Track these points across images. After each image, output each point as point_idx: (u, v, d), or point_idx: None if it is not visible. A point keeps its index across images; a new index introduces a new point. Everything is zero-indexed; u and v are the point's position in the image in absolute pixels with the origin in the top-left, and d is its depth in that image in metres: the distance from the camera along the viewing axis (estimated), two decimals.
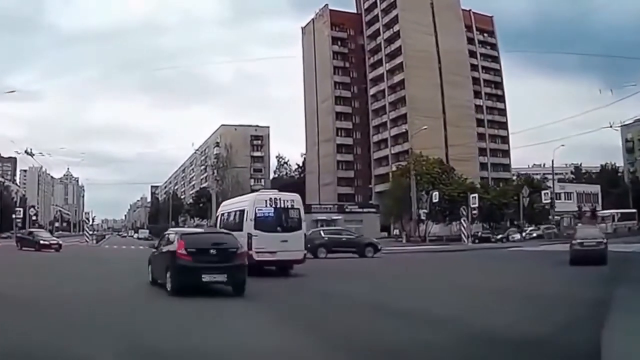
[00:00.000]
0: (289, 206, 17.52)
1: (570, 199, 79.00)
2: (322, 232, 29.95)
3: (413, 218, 53.65)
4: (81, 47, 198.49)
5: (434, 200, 51.74)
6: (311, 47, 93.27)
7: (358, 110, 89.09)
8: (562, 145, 67.91)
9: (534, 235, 52.74)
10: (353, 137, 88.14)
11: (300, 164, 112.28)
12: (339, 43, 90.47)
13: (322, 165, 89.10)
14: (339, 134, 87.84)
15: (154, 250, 14.63)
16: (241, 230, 16.62)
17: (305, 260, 18.03)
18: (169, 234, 14.12)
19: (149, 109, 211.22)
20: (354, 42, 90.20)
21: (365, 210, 65.52)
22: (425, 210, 52.25)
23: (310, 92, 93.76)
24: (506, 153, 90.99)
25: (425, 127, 57.94)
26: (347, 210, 64.70)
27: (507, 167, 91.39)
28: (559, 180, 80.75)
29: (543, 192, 59.57)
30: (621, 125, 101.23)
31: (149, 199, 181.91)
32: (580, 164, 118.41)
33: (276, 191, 19.10)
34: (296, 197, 18.29)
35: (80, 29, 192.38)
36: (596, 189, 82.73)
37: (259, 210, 17.09)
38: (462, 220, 41.56)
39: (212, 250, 12.23)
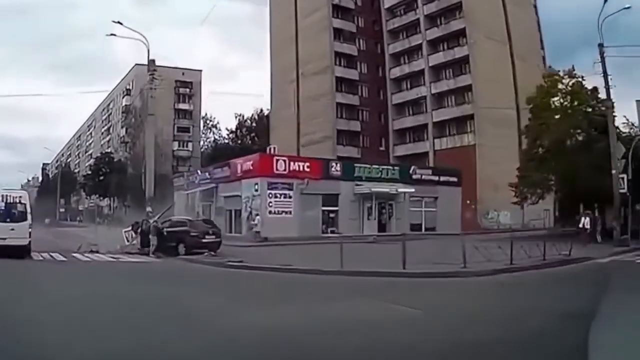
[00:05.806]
0: (17, 201, 20.39)
1: None
2: None
3: (615, 195, 23.89)
4: None
5: None
6: None
7: (363, 32, 57.09)
8: None
9: None
10: (359, 71, 55.82)
11: (233, 129, 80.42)
12: None
13: (307, 113, 56.14)
14: (338, 62, 55.13)
15: None
16: None
17: (31, 245, 20.03)
18: None
19: (52, 88, 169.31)
20: None
21: (442, 179, 34.35)
22: (627, 177, 23.37)
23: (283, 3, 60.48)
24: None
25: None
26: (413, 176, 33.15)
27: None
28: None
29: None
30: (637, 101, 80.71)
31: (40, 178, 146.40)
32: None
33: (6, 190, 21.99)
34: (24, 193, 22.19)
35: None
36: None
37: None
38: None
39: None
